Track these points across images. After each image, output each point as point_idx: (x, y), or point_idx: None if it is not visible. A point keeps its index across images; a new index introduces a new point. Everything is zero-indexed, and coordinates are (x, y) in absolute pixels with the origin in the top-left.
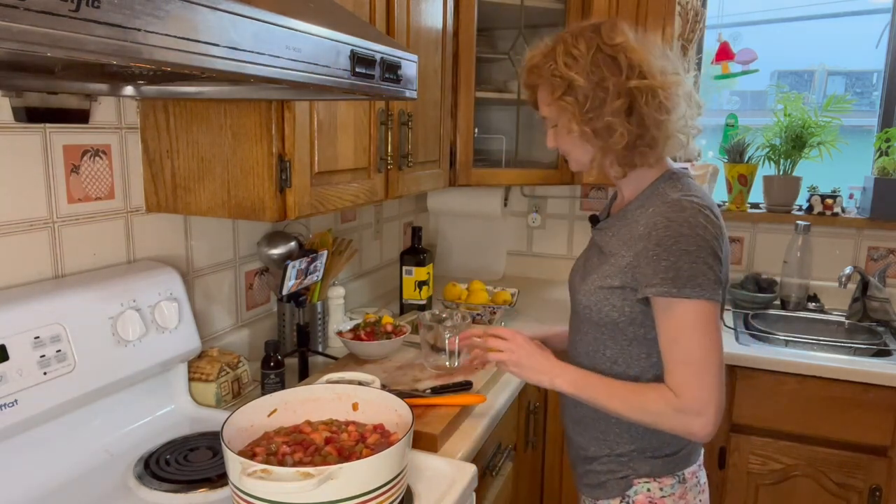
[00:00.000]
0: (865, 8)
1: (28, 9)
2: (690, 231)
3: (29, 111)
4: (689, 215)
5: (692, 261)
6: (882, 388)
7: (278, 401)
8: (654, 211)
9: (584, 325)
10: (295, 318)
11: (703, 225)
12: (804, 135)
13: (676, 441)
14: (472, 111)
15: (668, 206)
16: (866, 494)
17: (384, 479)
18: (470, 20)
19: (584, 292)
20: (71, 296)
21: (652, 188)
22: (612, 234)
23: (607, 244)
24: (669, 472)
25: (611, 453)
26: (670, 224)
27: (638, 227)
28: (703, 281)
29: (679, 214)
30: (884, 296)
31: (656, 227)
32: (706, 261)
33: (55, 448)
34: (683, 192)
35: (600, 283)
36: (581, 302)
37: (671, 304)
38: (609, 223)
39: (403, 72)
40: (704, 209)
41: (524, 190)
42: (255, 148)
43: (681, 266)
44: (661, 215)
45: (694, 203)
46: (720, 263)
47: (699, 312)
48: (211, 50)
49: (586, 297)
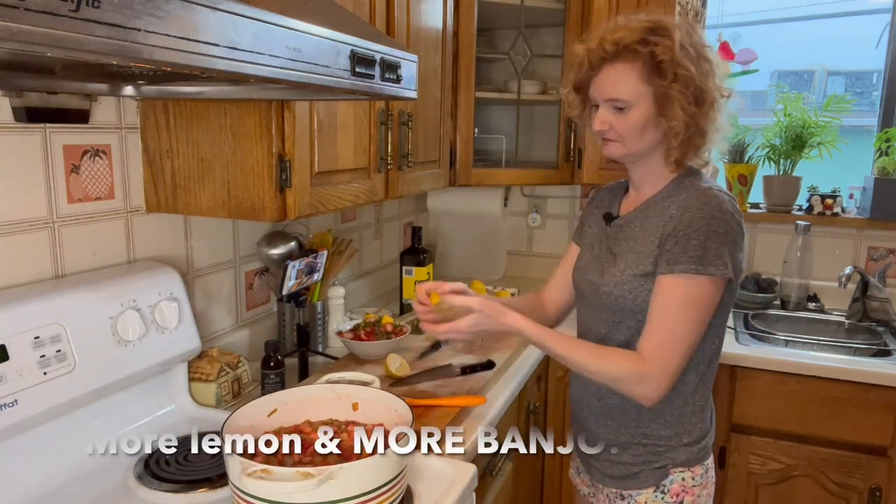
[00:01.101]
0: (865, 8)
1: (28, 9)
2: (722, 215)
3: (29, 111)
4: (720, 201)
5: (721, 241)
6: (882, 388)
7: (278, 401)
8: (687, 196)
9: (615, 314)
10: (295, 318)
11: (732, 213)
12: (804, 135)
13: (704, 423)
14: (472, 111)
15: (701, 193)
16: (866, 494)
17: (384, 479)
18: (470, 20)
19: (613, 283)
20: (71, 296)
21: (676, 182)
22: (636, 225)
23: (630, 236)
24: (700, 462)
25: (645, 441)
26: (703, 206)
27: (669, 211)
28: (727, 260)
29: (712, 199)
30: (884, 296)
31: (689, 209)
32: (729, 246)
33: (55, 448)
34: (711, 185)
35: (633, 270)
36: (612, 293)
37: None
38: (630, 219)
39: (403, 72)
40: (733, 200)
41: (524, 190)
42: (255, 148)
43: (708, 246)
44: (695, 199)
45: (722, 194)
46: (742, 252)
47: (708, 291)
48: (211, 50)
49: (618, 288)
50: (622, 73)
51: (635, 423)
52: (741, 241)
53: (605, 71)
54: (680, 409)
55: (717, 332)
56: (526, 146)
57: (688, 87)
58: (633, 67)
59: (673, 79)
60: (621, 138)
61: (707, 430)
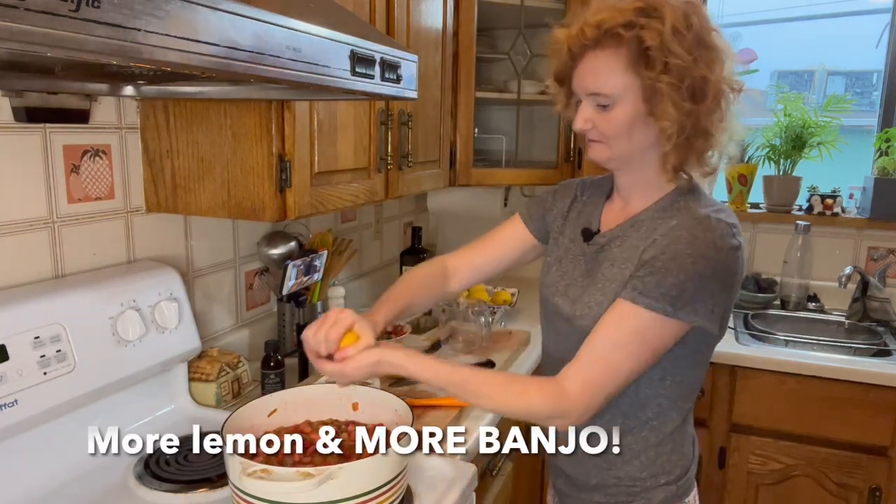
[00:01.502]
0: (865, 8)
1: (28, 9)
2: (715, 254)
3: (29, 111)
4: (716, 237)
5: (704, 285)
6: (882, 388)
7: (278, 401)
8: (679, 224)
9: None
10: (295, 318)
11: (728, 252)
12: (804, 135)
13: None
14: (472, 111)
15: (697, 221)
16: (866, 494)
17: (384, 479)
18: (470, 20)
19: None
20: (71, 296)
21: (671, 199)
22: (617, 245)
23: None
24: (680, 498)
25: (619, 483)
26: (695, 241)
27: (653, 235)
28: (701, 308)
29: (708, 233)
30: (884, 296)
31: (678, 240)
32: (714, 290)
33: (55, 448)
34: (712, 208)
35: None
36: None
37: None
38: (612, 237)
39: (403, 72)
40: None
41: (524, 190)
42: (255, 148)
43: (687, 288)
44: (688, 230)
45: (722, 224)
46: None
47: (668, 335)
48: (211, 50)
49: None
50: (605, 63)
51: (606, 466)
52: (734, 285)
53: (587, 60)
54: (657, 449)
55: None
56: (526, 146)
57: (682, 80)
58: (618, 56)
59: (662, 69)
60: (606, 139)
61: (689, 465)
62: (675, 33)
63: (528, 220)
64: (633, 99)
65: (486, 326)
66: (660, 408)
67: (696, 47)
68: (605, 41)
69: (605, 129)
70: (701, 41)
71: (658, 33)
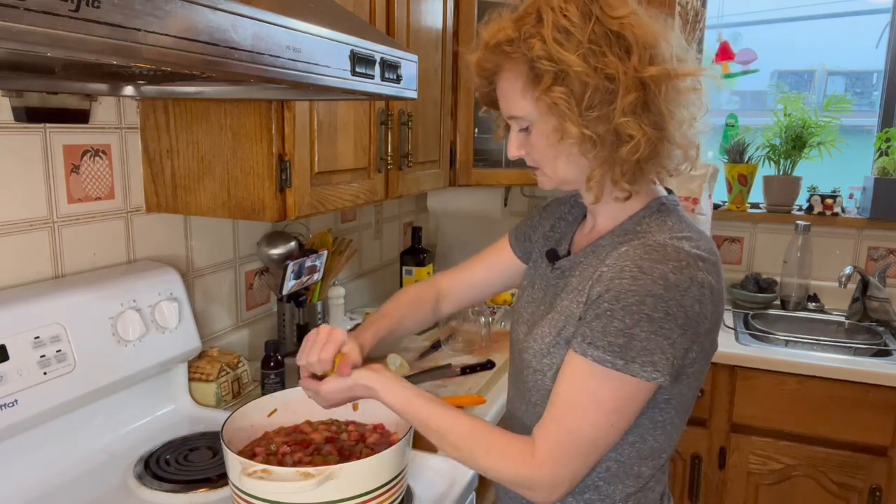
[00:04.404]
0: (865, 8)
1: (28, 9)
2: (663, 292)
3: (29, 111)
4: (669, 270)
5: (652, 331)
6: (882, 388)
7: (278, 401)
8: (626, 252)
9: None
10: (295, 318)
11: (685, 287)
12: (804, 135)
13: None
14: (472, 111)
15: (647, 250)
16: (866, 494)
17: (384, 479)
18: (470, 20)
19: (531, 350)
20: (71, 296)
21: (636, 220)
22: (577, 272)
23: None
24: None
25: None
26: (639, 276)
27: (601, 267)
28: (660, 359)
29: (655, 266)
30: (884, 296)
31: (622, 273)
32: (669, 335)
33: (55, 448)
34: (673, 232)
35: (552, 336)
36: (530, 364)
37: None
38: (573, 262)
39: (403, 72)
40: (697, 262)
41: (524, 190)
42: (255, 148)
43: (636, 335)
44: (633, 261)
45: (683, 252)
46: (692, 342)
47: (629, 392)
48: (211, 50)
49: (538, 359)
50: (509, 85)
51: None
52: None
53: (500, 82)
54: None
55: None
56: None
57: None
58: (517, 75)
59: (553, 81)
60: (539, 164)
61: None
62: (561, 35)
63: (513, 242)
64: (541, 119)
65: (486, 326)
66: (607, 472)
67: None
68: (503, 62)
69: (531, 153)
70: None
71: (541, 41)
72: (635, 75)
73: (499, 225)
